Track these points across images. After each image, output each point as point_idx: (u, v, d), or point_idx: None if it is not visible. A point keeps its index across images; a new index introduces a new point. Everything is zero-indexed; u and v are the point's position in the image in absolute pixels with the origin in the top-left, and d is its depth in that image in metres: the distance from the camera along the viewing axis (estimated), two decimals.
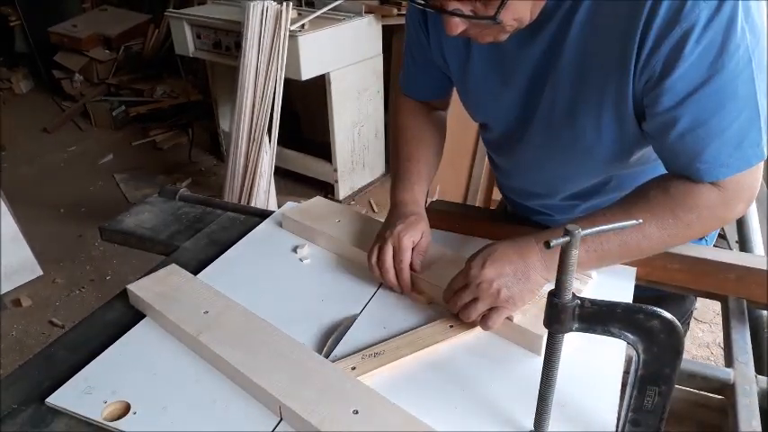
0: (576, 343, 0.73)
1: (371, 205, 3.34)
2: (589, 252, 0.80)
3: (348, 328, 0.86)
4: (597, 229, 0.57)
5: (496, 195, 3.08)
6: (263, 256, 1.04)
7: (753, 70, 0.71)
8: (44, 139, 4.35)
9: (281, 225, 1.12)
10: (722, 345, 0.93)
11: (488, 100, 0.95)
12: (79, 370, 0.78)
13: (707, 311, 2.46)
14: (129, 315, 0.90)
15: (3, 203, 2.59)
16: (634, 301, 0.90)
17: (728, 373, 0.80)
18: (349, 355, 0.80)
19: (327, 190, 3.39)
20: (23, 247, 2.72)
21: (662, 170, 0.86)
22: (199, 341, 0.79)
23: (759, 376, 0.80)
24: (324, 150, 3.27)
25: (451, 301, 0.84)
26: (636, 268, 0.95)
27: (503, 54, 0.88)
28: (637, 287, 0.93)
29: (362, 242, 1.00)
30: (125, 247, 1.20)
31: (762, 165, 0.79)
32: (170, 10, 3.47)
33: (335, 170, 3.27)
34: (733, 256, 0.96)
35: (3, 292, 2.65)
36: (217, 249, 1.07)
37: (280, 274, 0.99)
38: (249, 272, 0.99)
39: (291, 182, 3.49)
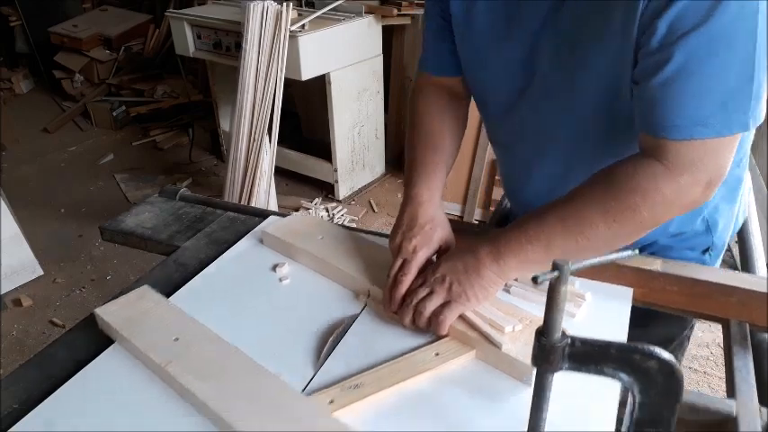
0: (566, 377, 0.68)
1: (371, 205, 3.35)
2: (533, 244, 0.78)
3: (328, 355, 0.81)
4: (588, 262, 0.54)
5: (496, 195, 3.09)
6: (242, 276, 0.98)
7: (757, 24, 0.66)
8: (44, 138, 4.36)
9: (261, 242, 1.07)
10: (722, 345, 0.92)
11: (490, 51, 0.91)
12: (42, 400, 0.74)
13: None
14: (99, 341, 0.85)
15: (3, 203, 2.59)
16: (633, 316, 0.87)
17: (731, 406, 0.75)
18: (328, 386, 0.74)
19: (327, 190, 3.40)
20: (24, 246, 2.73)
21: None
22: (167, 372, 0.74)
23: (763, 408, 0.75)
24: (324, 150, 3.27)
25: (405, 303, 0.81)
26: (632, 289, 0.91)
27: (507, 4, 0.86)
28: (633, 305, 0.89)
29: (345, 261, 0.96)
30: (125, 246, 1.20)
31: (734, 146, 0.73)
32: (170, 10, 3.47)
33: (335, 170, 3.27)
34: (734, 278, 0.91)
35: (3, 292, 2.66)
36: (217, 249, 1.07)
37: (258, 296, 0.93)
38: (226, 293, 0.94)
39: (291, 182, 3.49)
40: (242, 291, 0.95)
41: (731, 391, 0.79)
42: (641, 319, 0.89)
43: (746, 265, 1.19)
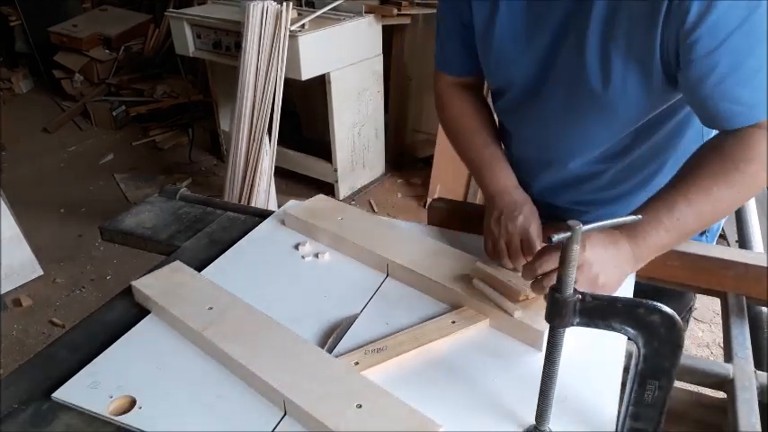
0: (576, 339, 0.73)
1: (371, 205, 3.35)
2: (670, 232, 0.81)
3: (351, 324, 0.86)
4: (598, 224, 0.57)
5: None
6: (266, 253, 1.04)
7: None
8: (44, 138, 4.36)
9: (283, 223, 1.12)
10: (722, 344, 0.93)
11: (512, 55, 0.94)
12: (83, 366, 0.79)
13: (706, 312, 2.47)
14: (132, 313, 0.91)
15: (3, 203, 2.59)
16: (634, 295, 0.90)
17: (728, 369, 0.81)
18: (352, 350, 0.80)
19: (327, 190, 3.39)
20: (24, 246, 2.73)
21: (678, 141, 0.90)
22: (203, 337, 0.80)
23: (758, 371, 0.81)
24: (324, 150, 3.27)
25: (530, 268, 0.80)
26: None
27: (531, 6, 0.88)
28: (636, 283, 0.93)
29: (364, 239, 1.01)
30: (125, 246, 1.21)
31: None
32: (170, 10, 3.47)
33: (335, 170, 3.27)
34: (732, 253, 0.96)
35: (3, 292, 2.65)
36: (217, 249, 1.07)
37: (282, 272, 1.00)
38: (252, 269, 1.00)
39: (291, 182, 3.49)
40: (267, 268, 1.00)
41: (728, 357, 0.84)
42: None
43: (744, 245, 1.24)
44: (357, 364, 0.77)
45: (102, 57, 4.65)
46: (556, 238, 0.54)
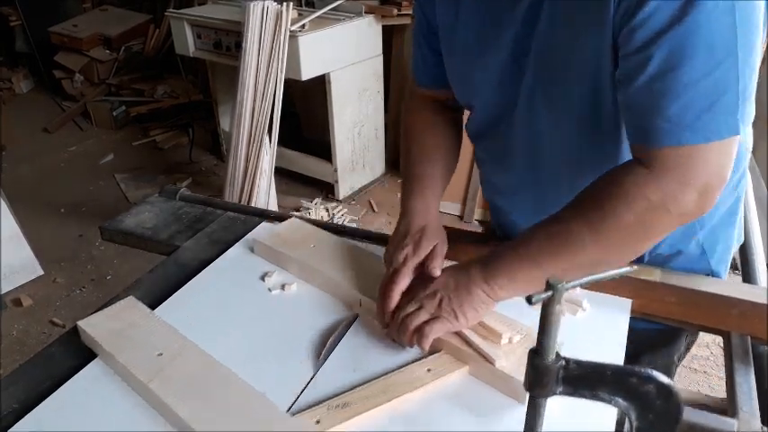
0: (560, 405, 0.64)
1: (371, 205, 3.35)
2: (522, 261, 0.77)
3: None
4: (585, 279, 0.52)
5: None
6: (231, 285, 0.97)
7: (735, 20, 0.64)
8: (44, 138, 4.36)
9: (252, 250, 1.05)
10: (722, 345, 0.91)
11: (474, 69, 0.91)
12: (23, 416, 0.72)
13: None
14: (83, 354, 0.82)
15: (3, 203, 2.59)
16: (631, 339, 0.84)
17: (732, 426, 0.72)
18: (313, 405, 0.72)
19: (327, 190, 3.40)
20: (24, 246, 2.73)
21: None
22: (149, 389, 0.72)
23: (765, 428, 0.73)
24: (324, 150, 3.27)
25: (402, 327, 0.79)
26: (631, 300, 0.89)
27: (486, 15, 0.85)
28: (633, 319, 0.88)
29: (336, 271, 0.94)
30: (126, 246, 1.20)
31: (731, 149, 0.69)
32: (170, 10, 3.47)
33: (335, 170, 3.27)
34: (735, 290, 0.89)
35: (3, 292, 2.65)
36: (217, 249, 1.07)
37: (247, 306, 0.92)
38: (214, 304, 0.92)
39: (291, 182, 3.49)
40: (230, 302, 0.93)
41: (733, 410, 0.76)
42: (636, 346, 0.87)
43: (747, 269, 1.16)
44: (318, 422, 0.69)
45: (103, 57, 4.65)
46: (535, 298, 0.49)
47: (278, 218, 1.17)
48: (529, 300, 0.49)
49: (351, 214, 3.24)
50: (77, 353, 0.83)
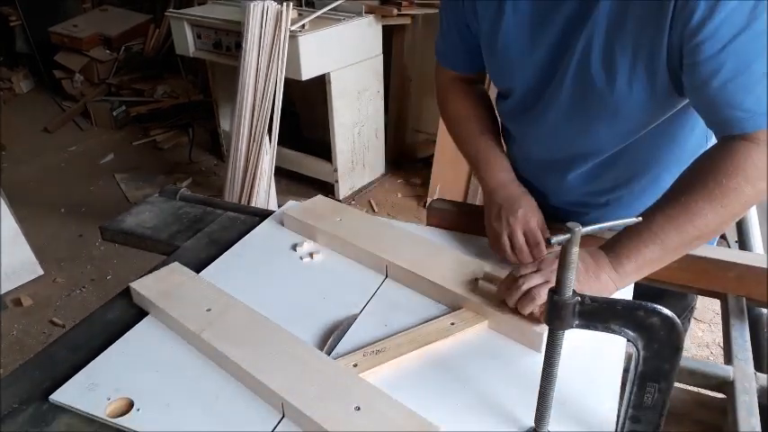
0: (576, 341, 0.72)
1: (372, 205, 3.35)
2: (650, 247, 0.81)
3: (350, 325, 0.86)
4: (597, 226, 0.57)
5: None
6: (265, 254, 1.04)
7: None
8: (44, 138, 4.36)
9: (282, 224, 1.12)
10: (722, 344, 0.93)
11: (518, 57, 0.94)
12: (82, 368, 0.78)
13: (707, 312, 2.46)
14: (131, 314, 0.90)
15: (3, 203, 2.59)
16: (635, 296, 0.90)
17: (728, 371, 0.80)
18: (351, 352, 0.80)
19: (327, 190, 3.39)
20: (24, 246, 2.73)
21: (681, 147, 0.88)
22: (201, 338, 0.79)
23: (758, 374, 0.80)
24: (324, 150, 3.27)
25: (514, 287, 0.82)
26: None
27: (536, 7, 0.88)
28: (636, 284, 0.92)
29: (363, 240, 1.00)
30: (126, 246, 1.21)
31: None
32: (170, 10, 3.47)
33: (335, 170, 3.27)
34: (733, 255, 0.96)
35: (3, 292, 2.65)
36: (217, 249, 1.07)
37: (281, 273, 0.99)
38: (250, 270, 0.99)
39: (291, 182, 3.49)
40: (266, 269, 1.00)
41: (728, 359, 0.84)
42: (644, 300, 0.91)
43: (744, 246, 1.24)
44: (356, 366, 0.76)
45: (103, 57, 4.65)
46: (554, 240, 0.54)
47: None
48: (548, 241, 0.56)
49: None
50: (126, 314, 0.90)
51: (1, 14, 5.02)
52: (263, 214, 1.19)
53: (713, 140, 0.90)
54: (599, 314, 0.59)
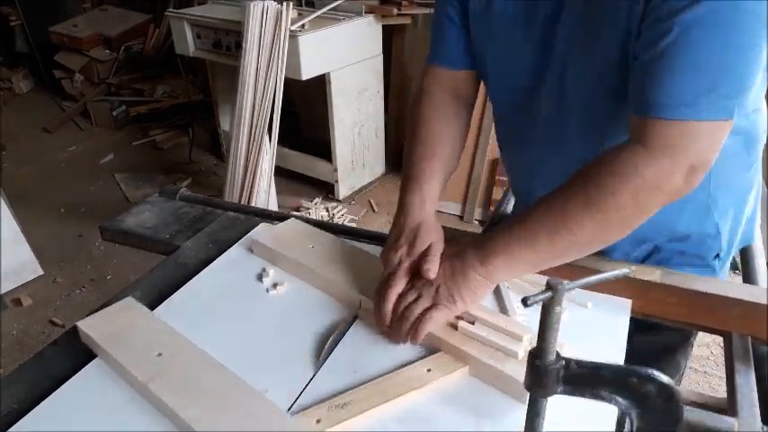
0: (561, 405, 0.63)
1: (371, 205, 3.35)
2: (519, 241, 0.77)
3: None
4: (583, 281, 0.52)
5: (496, 195, 3.08)
6: (231, 285, 0.96)
7: (765, 11, 0.65)
8: (44, 138, 4.36)
9: (251, 250, 1.04)
10: (722, 344, 0.91)
11: (509, 44, 0.91)
12: (26, 413, 0.72)
13: None
14: (80, 355, 0.82)
15: (3, 203, 2.59)
16: (631, 327, 0.84)
17: (732, 424, 0.72)
18: (313, 405, 0.72)
19: (327, 190, 3.40)
20: (24, 246, 2.73)
21: None
22: (149, 389, 0.72)
23: (765, 427, 0.73)
24: (324, 150, 3.27)
25: (393, 309, 0.80)
26: (631, 300, 0.88)
27: (522, 7, 0.86)
28: (632, 316, 0.88)
29: (336, 271, 0.93)
30: (125, 246, 1.20)
31: (721, 134, 0.72)
32: (170, 10, 3.47)
33: (335, 170, 3.27)
34: (736, 290, 0.88)
35: (3, 292, 2.65)
36: (217, 249, 1.07)
37: (246, 307, 0.91)
38: (213, 304, 0.92)
39: (292, 182, 3.49)
40: (229, 302, 0.92)
41: (732, 410, 0.76)
42: (645, 325, 0.89)
43: (748, 269, 1.14)
44: (319, 422, 0.69)
45: (103, 57, 4.66)
46: (531, 300, 0.48)
47: (278, 218, 1.16)
48: (525, 302, 0.49)
49: (351, 214, 3.24)
50: (77, 353, 0.82)
51: (1, 14, 5.02)
52: (263, 214, 1.19)
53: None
54: (586, 380, 0.53)
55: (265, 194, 2.89)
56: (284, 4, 2.65)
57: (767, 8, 0.65)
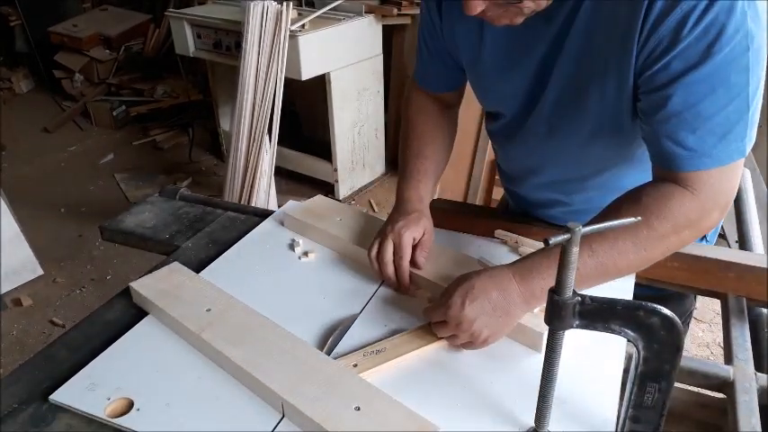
0: (576, 340, 0.72)
1: (371, 205, 3.35)
2: None
3: (349, 326, 0.86)
4: (597, 226, 0.57)
5: (497, 195, 3.08)
6: (264, 254, 1.04)
7: (749, 60, 0.71)
8: (44, 138, 4.36)
9: (282, 224, 1.12)
10: (722, 344, 0.93)
11: (499, 84, 0.95)
12: (81, 368, 0.78)
13: (707, 311, 2.47)
14: (131, 314, 0.90)
15: (3, 203, 2.59)
16: (634, 299, 0.89)
17: (728, 371, 0.81)
18: (350, 352, 0.80)
19: (327, 190, 3.39)
20: (24, 246, 2.72)
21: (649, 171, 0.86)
22: (201, 338, 0.79)
23: (758, 374, 0.80)
24: (324, 150, 3.27)
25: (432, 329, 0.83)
26: None
27: (514, 37, 0.88)
28: (637, 285, 0.93)
29: (363, 240, 1.00)
30: (126, 246, 1.20)
31: (740, 170, 0.79)
32: (170, 10, 3.47)
33: (335, 170, 3.27)
34: (733, 255, 0.96)
35: (3, 292, 2.65)
36: (217, 249, 1.07)
37: (281, 272, 0.99)
38: (250, 270, 1.00)
39: (291, 182, 3.49)
40: (265, 267, 1.00)
41: (729, 359, 0.84)
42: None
43: (744, 245, 1.24)
44: (356, 366, 0.76)
45: (103, 57, 4.65)
46: (553, 240, 0.54)
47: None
48: (546, 242, 0.54)
49: None
50: (126, 314, 0.91)
51: (1, 14, 5.02)
52: (263, 214, 1.19)
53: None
54: (599, 314, 0.59)
55: (265, 194, 2.89)
56: (284, 4, 2.65)
57: (751, 53, 0.70)
